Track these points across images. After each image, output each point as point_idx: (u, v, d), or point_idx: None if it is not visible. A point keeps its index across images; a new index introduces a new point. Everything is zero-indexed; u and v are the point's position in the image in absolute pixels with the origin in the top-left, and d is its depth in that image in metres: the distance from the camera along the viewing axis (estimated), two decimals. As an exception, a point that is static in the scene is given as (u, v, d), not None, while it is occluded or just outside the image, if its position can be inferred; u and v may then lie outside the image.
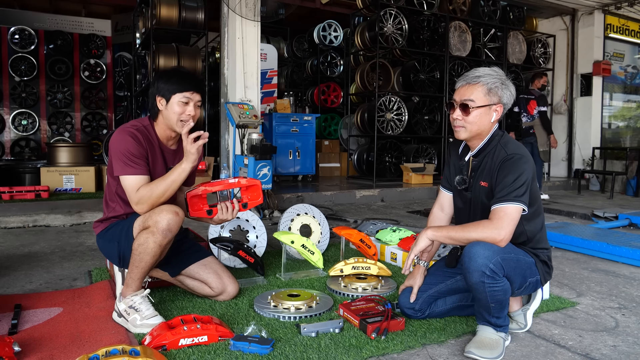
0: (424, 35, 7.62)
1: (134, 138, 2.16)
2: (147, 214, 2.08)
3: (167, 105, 2.19)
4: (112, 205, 2.29)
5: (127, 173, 2.11)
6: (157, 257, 2.07)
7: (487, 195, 1.98)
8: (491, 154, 1.99)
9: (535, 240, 2.01)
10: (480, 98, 1.95)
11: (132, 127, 2.22)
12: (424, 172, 7.22)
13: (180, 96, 2.18)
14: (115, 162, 2.13)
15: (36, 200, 5.33)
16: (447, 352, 1.90)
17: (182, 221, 2.09)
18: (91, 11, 10.90)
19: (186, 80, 2.21)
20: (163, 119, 2.24)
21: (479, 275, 1.79)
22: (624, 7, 8.57)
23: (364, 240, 3.12)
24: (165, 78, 2.21)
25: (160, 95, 2.21)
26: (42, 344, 1.87)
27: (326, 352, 1.84)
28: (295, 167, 7.27)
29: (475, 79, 1.96)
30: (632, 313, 2.38)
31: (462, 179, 2.10)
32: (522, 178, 1.86)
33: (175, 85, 2.18)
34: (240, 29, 5.67)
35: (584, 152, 8.68)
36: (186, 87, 2.19)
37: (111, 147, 2.18)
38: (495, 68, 2.02)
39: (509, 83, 2.00)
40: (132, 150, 2.13)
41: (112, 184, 2.27)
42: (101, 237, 2.29)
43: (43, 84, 10.24)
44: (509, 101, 1.99)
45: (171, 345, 1.82)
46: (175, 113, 2.18)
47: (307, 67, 10.21)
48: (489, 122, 1.98)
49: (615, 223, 4.81)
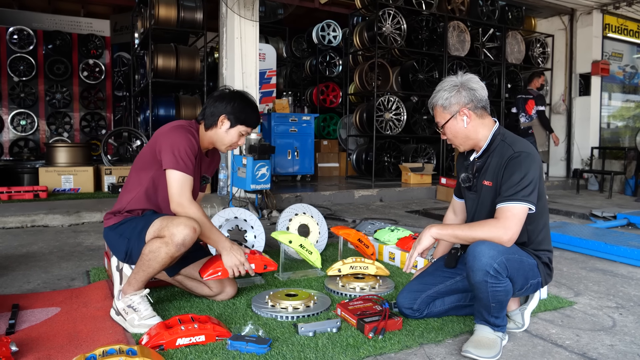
0: (422, 35, 7.63)
1: (194, 139, 2.19)
2: (165, 222, 2.03)
3: (228, 129, 2.26)
4: (134, 199, 2.22)
5: (179, 169, 2.10)
6: (165, 265, 2.06)
7: (491, 194, 1.98)
8: (497, 153, 1.99)
9: (538, 241, 2.01)
10: (441, 116, 2.05)
11: (189, 127, 2.24)
12: (422, 172, 7.22)
13: (243, 128, 2.29)
14: (167, 155, 2.11)
15: (34, 201, 5.33)
16: (445, 351, 1.90)
17: (197, 237, 2.06)
18: (90, 11, 10.89)
19: (256, 117, 2.33)
20: (213, 134, 2.28)
21: (483, 274, 1.79)
22: (623, 6, 8.58)
23: (362, 240, 3.12)
24: (241, 105, 2.27)
25: (227, 117, 2.25)
26: (40, 344, 1.87)
27: (323, 351, 1.84)
28: (294, 167, 7.27)
29: (432, 103, 2.09)
30: (629, 312, 2.38)
31: (467, 176, 2.12)
32: (529, 177, 1.86)
33: (245, 117, 2.27)
34: (239, 29, 5.68)
35: (582, 151, 8.69)
36: (254, 124, 2.32)
37: (165, 140, 2.15)
38: (449, 78, 2.05)
39: (466, 80, 2.00)
40: (189, 148, 2.14)
41: (144, 179, 2.22)
42: (112, 229, 2.23)
43: (42, 84, 10.23)
44: (473, 97, 1.99)
45: (168, 345, 1.82)
46: (231, 139, 2.29)
47: (306, 67, 10.21)
48: (463, 128, 2.01)
49: (614, 223, 4.82)
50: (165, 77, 6.75)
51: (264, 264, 2.22)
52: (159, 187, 2.22)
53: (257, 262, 2.20)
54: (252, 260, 2.19)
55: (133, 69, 8.55)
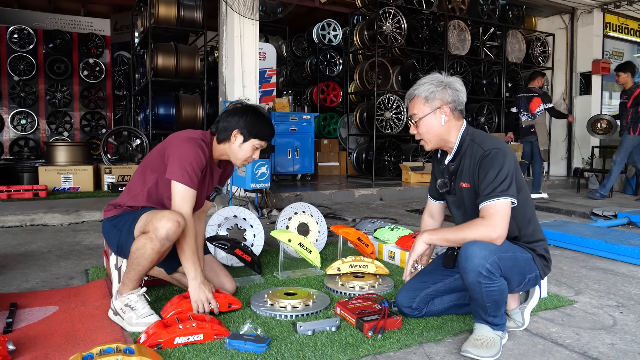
0: (423, 34, 7.62)
1: (202, 153, 2.17)
2: (150, 217, 2.03)
3: (242, 143, 2.24)
4: (137, 196, 2.24)
5: (183, 182, 2.09)
6: (154, 262, 2.05)
7: (471, 195, 1.98)
8: (468, 155, 1.99)
9: (529, 233, 2.00)
10: (421, 109, 2.01)
11: (200, 139, 2.21)
12: (423, 171, 7.21)
13: (257, 142, 2.25)
14: (174, 165, 2.11)
15: (34, 200, 5.32)
16: (444, 350, 1.89)
17: (182, 231, 2.04)
18: (90, 10, 10.89)
19: (269, 130, 2.29)
20: (227, 148, 2.27)
21: (476, 275, 1.78)
22: (623, 5, 8.56)
23: (362, 239, 3.11)
24: (253, 119, 2.24)
25: (240, 132, 2.23)
26: (37, 343, 1.86)
27: (322, 350, 1.83)
28: (294, 166, 7.26)
29: (411, 94, 2.05)
30: (630, 311, 2.37)
31: (443, 182, 2.12)
32: (504, 171, 1.86)
33: (258, 131, 2.24)
34: (239, 28, 5.67)
35: (583, 150, 8.67)
36: (268, 137, 2.28)
37: (174, 149, 2.16)
38: (434, 74, 2.05)
39: (450, 81, 2.01)
40: (196, 163, 2.12)
41: (149, 179, 2.23)
42: (109, 221, 2.25)
43: (42, 83, 10.24)
44: (456, 97, 1.99)
45: (166, 343, 1.81)
46: (245, 154, 2.26)
47: (306, 66, 10.20)
48: (439, 125, 1.99)
49: (614, 221, 4.80)
50: (165, 76, 6.75)
51: (229, 302, 2.20)
52: (161, 189, 2.22)
53: (222, 301, 2.17)
54: (217, 298, 2.17)
55: (133, 68, 8.54)
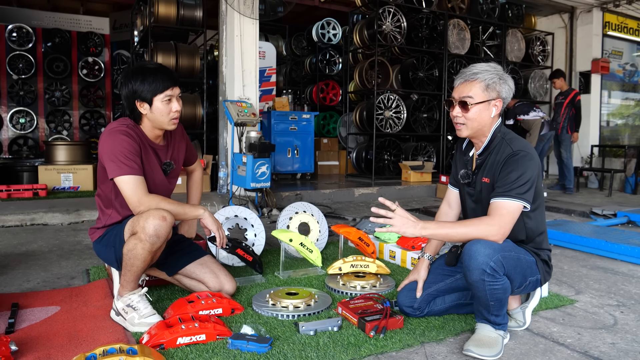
0: (422, 33, 7.61)
1: (128, 135, 2.09)
2: (136, 218, 2.02)
3: (151, 108, 2.13)
4: (108, 212, 2.25)
5: (123, 173, 2.03)
6: (147, 261, 2.05)
7: (489, 190, 1.97)
8: (496, 151, 1.98)
9: (538, 241, 2.00)
10: (478, 94, 1.94)
11: (121, 125, 2.13)
12: (422, 170, 7.21)
13: (162, 96, 2.11)
14: (109, 164, 2.05)
15: (34, 199, 5.31)
16: (446, 350, 1.90)
17: (170, 225, 2.03)
18: (89, 9, 10.87)
19: (162, 77, 2.11)
20: (149, 121, 2.17)
21: (480, 273, 1.78)
22: (623, 4, 8.57)
23: (363, 239, 3.11)
24: (140, 79, 2.09)
25: (139, 100, 2.11)
26: (39, 343, 1.86)
27: (324, 350, 1.83)
28: (294, 165, 7.26)
29: (472, 75, 1.96)
30: (630, 310, 2.38)
31: (466, 173, 2.09)
32: (527, 175, 1.85)
33: (152, 86, 2.09)
34: (239, 27, 5.66)
35: (582, 149, 8.68)
36: (165, 84, 2.11)
37: (103, 150, 2.09)
38: (493, 64, 2.01)
39: (507, 77, 1.99)
40: (127, 148, 2.06)
41: (105, 190, 2.22)
42: (98, 243, 2.26)
43: (41, 82, 10.20)
44: (508, 95, 1.98)
45: (169, 344, 1.82)
46: (163, 115, 2.13)
47: (306, 65, 10.19)
48: (488, 117, 1.97)
49: (614, 221, 4.81)
50: (165, 75, 6.72)
51: (232, 308, 2.19)
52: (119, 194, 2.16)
53: (225, 306, 2.16)
54: (221, 304, 2.15)
55: (132, 67, 8.51)
